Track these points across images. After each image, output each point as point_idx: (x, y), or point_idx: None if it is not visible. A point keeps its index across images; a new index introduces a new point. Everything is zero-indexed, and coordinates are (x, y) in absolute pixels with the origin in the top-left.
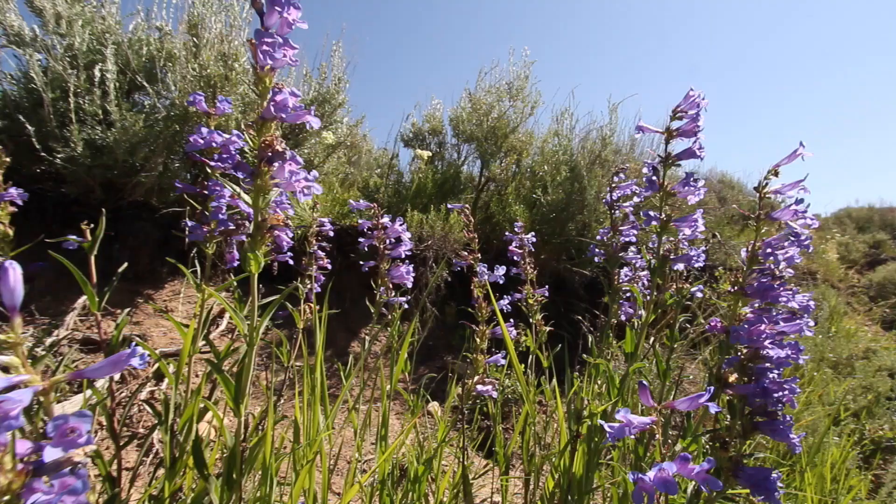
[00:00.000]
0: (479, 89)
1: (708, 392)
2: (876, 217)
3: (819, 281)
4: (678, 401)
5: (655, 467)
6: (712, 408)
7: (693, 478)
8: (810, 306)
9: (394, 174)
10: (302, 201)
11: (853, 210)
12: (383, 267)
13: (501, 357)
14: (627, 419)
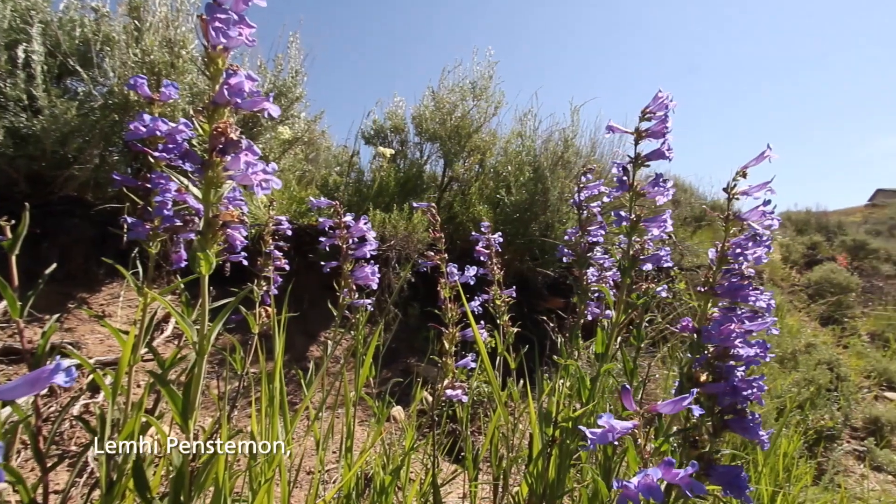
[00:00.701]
0: (442, 88)
1: (691, 394)
2: (813, 220)
3: (765, 280)
4: (661, 403)
5: (640, 473)
6: (696, 410)
7: (677, 482)
8: (772, 305)
9: (354, 172)
10: (260, 196)
11: (793, 213)
12: (346, 268)
13: (472, 360)
14: (610, 424)
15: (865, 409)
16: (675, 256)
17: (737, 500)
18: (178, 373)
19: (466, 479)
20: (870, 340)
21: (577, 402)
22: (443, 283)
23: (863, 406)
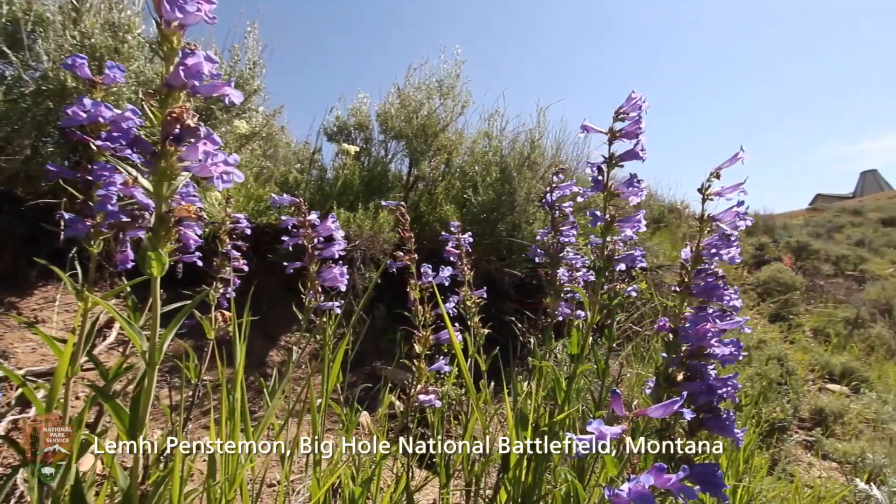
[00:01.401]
0: (408, 85)
1: (682, 397)
2: (760, 223)
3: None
4: (651, 408)
5: (632, 480)
6: (687, 414)
7: (669, 488)
8: (739, 304)
9: (316, 170)
10: (220, 189)
11: None
12: (312, 269)
13: (445, 364)
14: (600, 431)
15: (811, 401)
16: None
17: (713, 497)
18: (125, 383)
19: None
20: (813, 336)
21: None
22: (412, 284)
23: (809, 398)
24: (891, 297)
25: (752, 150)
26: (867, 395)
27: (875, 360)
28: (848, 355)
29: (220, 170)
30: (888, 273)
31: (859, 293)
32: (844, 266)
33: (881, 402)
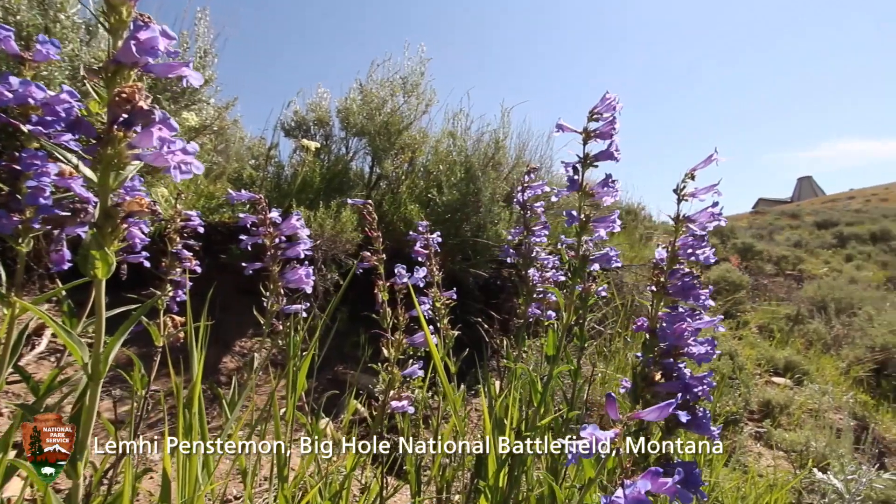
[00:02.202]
0: (371, 81)
1: (676, 400)
2: None
3: None
4: (645, 411)
5: (627, 486)
6: (683, 416)
7: (665, 492)
8: (711, 304)
9: (273, 166)
10: (178, 180)
11: None
12: (274, 270)
13: (419, 368)
14: (595, 435)
15: (759, 394)
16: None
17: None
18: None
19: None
20: (759, 332)
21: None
22: (381, 286)
23: (757, 391)
24: (825, 295)
25: (701, 156)
26: (809, 386)
27: (813, 354)
28: (790, 350)
29: (177, 159)
30: (822, 272)
31: (798, 291)
32: (785, 266)
33: (821, 394)
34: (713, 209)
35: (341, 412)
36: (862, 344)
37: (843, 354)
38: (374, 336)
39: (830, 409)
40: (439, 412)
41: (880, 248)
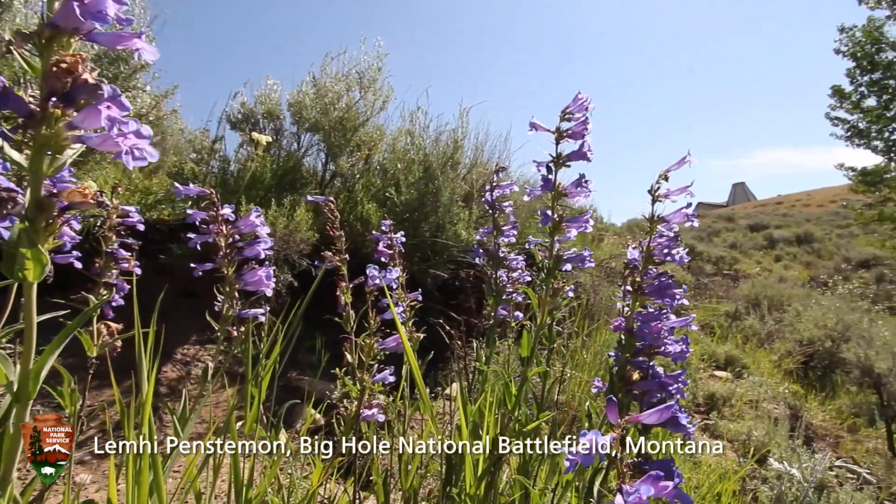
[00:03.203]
0: (325, 75)
1: (675, 401)
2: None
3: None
4: (644, 413)
5: (628, 492)
6: (682, 418)
7: (665, 495)
8: (684, 302)
9: (218, 160)
10: (131, 167)
11: (639, 221)
12: (229, 271)
13: (390, 373)
14: (596, 440)
15: (704, 388)
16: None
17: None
18: None
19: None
20: (701, 329)
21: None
22: (343, 287)
23: (702, 385)
24: (759, 293)
25: (645, 162)
26: (748, 379)
27: (750, 348)
28: (730, 345)
29: (129, 143)
30: (755, 272)
31: (735, 290)
32: (722, 266)
33: (758, 385)
34: (687, 210)
35: (296, 421)
36: (791, 338)
37: (775, 348)
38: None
39: (767, 399)
40: (406, 418)
41: (804, 249)
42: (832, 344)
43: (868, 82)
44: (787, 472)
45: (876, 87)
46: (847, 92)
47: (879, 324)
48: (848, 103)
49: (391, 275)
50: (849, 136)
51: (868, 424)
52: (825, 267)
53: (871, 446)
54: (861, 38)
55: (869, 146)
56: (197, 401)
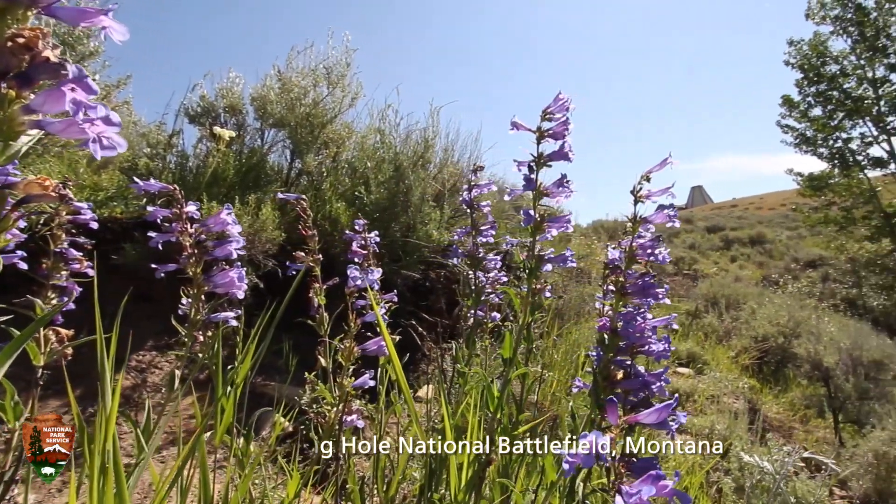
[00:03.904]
0: (290, 69)
1: (675, 400)
2: (620, 228)
3: (593, 279)
4: (643, 413)
5: (634, 493)
6: (682, 417)
7: (665, 495)
8: (666, 301)
9: (175, 155)
10: (99, 157)
11: (605, 222)
12: (196, 272)
13: (370, 378)
14: (598, 442)
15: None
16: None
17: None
18: None
19: None
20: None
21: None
22: (317, 289)
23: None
24: (717, 292)
25: (607, 165)
26: (710, 374)
27: (709, 345)
28: (691, 342)
29: (97, 130)
30: (713, 272)
31: (695, 289)
32: (682, 266)
33: (718, 381)
34: (669, 211)
35: (263, 428)
36: (747, 335)
37: (733, 345)
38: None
39: (727, 394)
40: (382, 424)
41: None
42: (784, 340)
43: (814, 93)
44: (758, 465)
45: (821, 97)
46: (796, 101)
47: (826, 320)
48: (796, 112)
49: (372, 276)
50: (797, 144)
51: (817, 415)
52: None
53: (821, 436)
54: (808, 51)
55: (815, 153)
56: (162, 411)
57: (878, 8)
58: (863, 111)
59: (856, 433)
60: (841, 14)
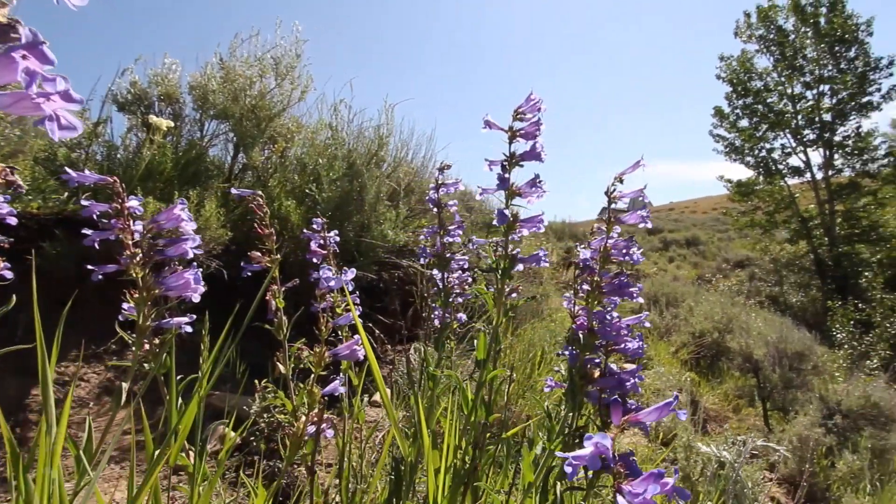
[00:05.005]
0: (234, 58)
1: (674, 398)
2: (567, 230)
3: (544, 279)
4: (644, 412)
5: (639, 493)
6: (681, 415)
7: (666, 492)
8: (642, 301)
9: (101, 146)
10: (57, 138)
11: (553, 224)
12: (142, 273)
13: (339, 384)
14: (603, 445)
15: None
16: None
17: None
18: None
19: None
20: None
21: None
22: (275, 291)
23: None
24: (657, 291)
25: (546, 171)
26: (653, 370)
27: (652, 341)
28: None
29: (55, 106)
30: (653, 271)
31: None
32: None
33: (661, 375)
34: (643, 212)
35: (207, 441)
36: (686, 331)
37: (673, 340)
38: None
39: (670, 387)
40: (344, 432)
41: (692, 251)
42: (719, 335)
43: (742, 106)
44: (717, 455)
45: (748, 110)
46: (726, 113)
47: (753, 316)
48: (726, 123)
49: (346, 276)
50: (727, 152)
51: (749, 404)
52: (709, 267)
53: (752, 423)
54: (736, 66)
55: (743, 161)
56: (108, 428)
57: (796, 31)
58: (783, 124)
59: (782, 419)
60: (765, 34)
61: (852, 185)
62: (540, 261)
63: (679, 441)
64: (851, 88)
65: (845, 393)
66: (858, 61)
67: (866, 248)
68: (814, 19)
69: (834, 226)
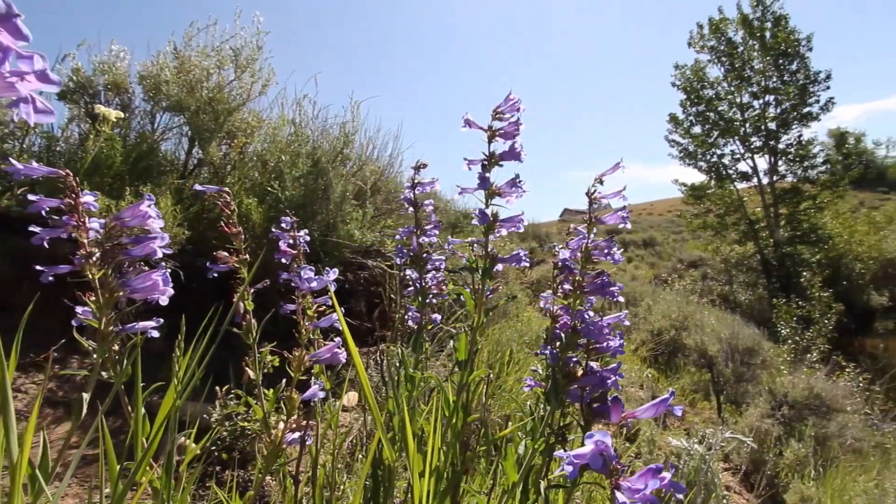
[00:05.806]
0: (189, 48)
1: (670, 394)
2: (530, 230)
3: (509, 280)
4: (641, 408)
5: (640, 489)
6: (677, 410)
7: (662, 487)
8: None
9: (40, 137)
10: (32, 123)
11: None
12: (109, 276)
13: (319, 389)
14: (603, 443)
15: None
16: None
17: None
18: None
19: None
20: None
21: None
22: (244, 293)
23: None
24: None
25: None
26: None
27: None
28: None
29: (31, 87)
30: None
31: None
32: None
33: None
34: (623, 213)
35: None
36: (645, 329)
37: (633, 338)
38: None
39: (633, 384)
40: (317, 438)
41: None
42: (675, 333)
43: (695, 113)
44: (688, 448)
45: (701, 117)
46: (680, 119)
47: (707, 314)
48: (681, 129)
49: (329, 276)
50: (681, 157)
51: (704, 398)
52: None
53: (707, 416)
54: (690, 75)
55: (696, 166)
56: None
57: (744, 43)
58: (733, 131)
59: (734, 412)
60: (716, 45)
61: (794, 190)
62: (521, 260)
63: (643, 436)
64: (794, 99)
65: (791, 385)
66: (800, 74)
67: (807, 249)
68: (760, 33)
69: (778, 228)
